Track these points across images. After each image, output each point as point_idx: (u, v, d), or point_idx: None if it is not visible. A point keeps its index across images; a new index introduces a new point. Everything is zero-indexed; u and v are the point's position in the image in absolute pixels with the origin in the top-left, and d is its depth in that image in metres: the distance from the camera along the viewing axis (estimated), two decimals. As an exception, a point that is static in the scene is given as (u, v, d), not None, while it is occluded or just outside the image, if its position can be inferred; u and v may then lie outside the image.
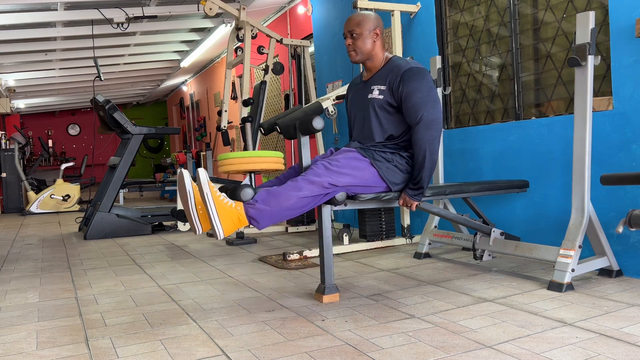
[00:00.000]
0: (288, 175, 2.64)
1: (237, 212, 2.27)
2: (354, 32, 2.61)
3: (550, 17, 3.31)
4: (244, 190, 2.33)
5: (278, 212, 2.31)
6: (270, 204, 2.30)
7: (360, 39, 2.61)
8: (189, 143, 12.42)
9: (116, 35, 7.08)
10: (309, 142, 2.56)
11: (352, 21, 2.63)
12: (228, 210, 2.25)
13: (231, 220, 2.25)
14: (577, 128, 2.64)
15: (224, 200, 2.25)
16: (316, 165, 2.41)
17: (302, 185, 2.33)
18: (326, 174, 2.37)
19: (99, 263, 3.92)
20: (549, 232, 3.20)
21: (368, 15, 2.63)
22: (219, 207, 2.23)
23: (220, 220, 2.22)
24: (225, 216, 2.24)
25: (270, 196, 2.31)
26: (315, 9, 5.77)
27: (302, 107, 4.12)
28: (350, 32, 2.62)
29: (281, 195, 2.31)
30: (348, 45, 2.65)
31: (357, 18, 2.63)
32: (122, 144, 5.89)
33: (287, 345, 1.97)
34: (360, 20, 2.61)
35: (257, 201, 2.31)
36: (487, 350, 1.84)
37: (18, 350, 2.05)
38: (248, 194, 2.33)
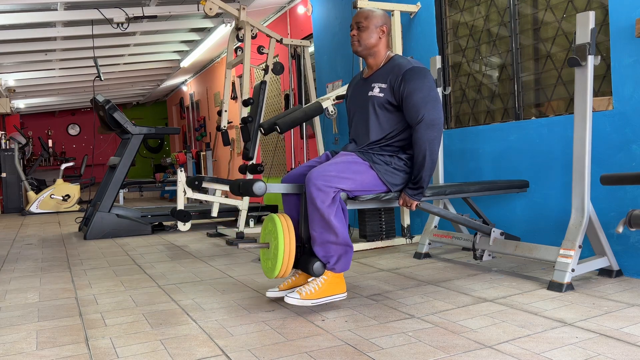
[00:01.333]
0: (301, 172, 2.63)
1: (332, 278, 2.43)
2: (361, 24, 2.63)
3: (550, 17, 3.31)
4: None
5: (340, 242, 2.41)
6: (331, 249, 2.41)
7: (365, 32, 2.62)
8: (189, 143, 12.42)
9: (116, 35, 7.08)
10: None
11: (361, 13, 2.66)
12: (329, 287, 2.42)
13: (337, 284, 2.45)
14: (577, 128, 2.64)
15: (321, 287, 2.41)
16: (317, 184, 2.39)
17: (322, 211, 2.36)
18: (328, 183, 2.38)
19: (99, 263, 3.92)
20: (549, 232, 3.20)
21: (377, 11, 2.67)
22: (326, 293, 2.42)
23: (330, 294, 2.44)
24: (331, 289, 2.43)
25: (325, 245, 2.41)
26: (315, 9, 5.77)
27: (302, 107, 4.12)
28: (357, 23, 2.64)
29: (327, 233, 2.38)
30: (353, 35, 2.66)
31: (366, 12, 2.66)
32: (122, 144, 5.89)
33: (287, 345, 1.97)
34: (369, 14, 2.64)
35: (329, 260, 2.43)
36: (487, 350, 1.84)
37: (18, 350, 2.05)
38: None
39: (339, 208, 2.39)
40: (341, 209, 2.40)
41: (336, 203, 2.38)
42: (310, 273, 2.40)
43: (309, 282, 2.42)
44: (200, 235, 5.28)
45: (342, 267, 2.43)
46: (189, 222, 4.72)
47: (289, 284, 2.56)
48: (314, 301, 2.36)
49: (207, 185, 4.68)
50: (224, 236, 5.07)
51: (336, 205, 2.38)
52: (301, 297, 2.34)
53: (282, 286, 2.56)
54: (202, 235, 5.31)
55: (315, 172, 2.38)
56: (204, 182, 4.66)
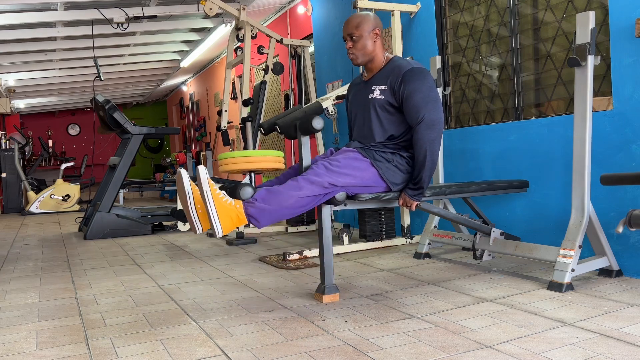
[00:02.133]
0: (288, 175, 2.64)
1: (237, 210, 2.26)
2: (354, 35, 2.60)
3: (550, 17, 3.31)
4: (244, 188, 2.33)
5: (278, 210, 2.31)
6: (270, 203, 2.30)
7: (360, 41, 2.60)
8: (189, 143, 12.42)
9: (116, 35, 7.08)
10: (309, 142, 2.56)
11: (350, 24, 2.61)
12: (227, 208, 2.24)
13: (230, 219, 2.24)
14: (577, 128, 2.64)
15: (223, 198, 2.25)
16: (317, 165, 2.41)
17: (302, 184, 2.33)
18: (326, 174, 2.37)
19: (99, 263, 3.92)
20: (549, 232, 3.20)
21: (366, 16, 2.61)
22: (218, 205, 2.22)
23: (220, 218, 2.22)
24: (224, 214, 2.23)
25: (270, 195, 2.31)
26: (315, 9, 5.77)
27: (302, 107, 4.12)
28: (350, 35, 2.61)
29: (281, 195, 2.31)
30: (349, 48, 2.63)
31: (355, 20, 2.60)
32: (122, 144, 5.89)
33: (287, 345, 1.97)
34: (359, 22, 2.59)
35: (257, 200, 2.30)
36: (487, 350, 1.84)
37: (18, 350, 2.05)
38: (248, 193, 2.33)
39: (312, 201, 2.35)
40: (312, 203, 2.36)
41: (317, 198, 2.35)
42: (237, 193, 2.30)
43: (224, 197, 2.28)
44: (200, 235, 5.28)
45: (255, 212, 2.28)
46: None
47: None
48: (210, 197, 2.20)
49: (207, 185, 4.67)
50: (224, 236, 5.07)
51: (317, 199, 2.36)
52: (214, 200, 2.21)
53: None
54: (202, 235, 5.31)
55: (322, 161, 2.44)
56: (204, 182, 4.65)
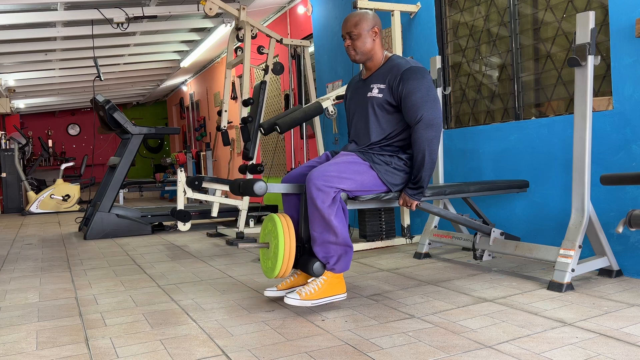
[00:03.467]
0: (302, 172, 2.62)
1: (331, 278, 2.43)
2: (352, 33, 2.60)
3: (550, 17, 3.31)
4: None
5: (341, 246, 2.41)
6: (331, 249, 2.40)
7: (359, 40, 2.60)
8: (189, 143, 12.42)
9: (116, 35, 7.08)
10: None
11: (349, 22, 2.61)
12: (328, 288, 2.41)
13: (336, 285, 2.44)
14: (577, 128, 2.64)
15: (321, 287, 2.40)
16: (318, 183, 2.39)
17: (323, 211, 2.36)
18: (328, 185, 2.37)
19: (99, 263, 3.92)
20: (549, 232, 3.20)
21: (365, 15, 2.62)
22: (326, 294, 2.41)
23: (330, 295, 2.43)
24: (331, 290, 2.42)
25: (325, 245, 2.40)
26: (315, 9, 5.77)
27: (302, 107, 4.12)
28: (349, 34, 2.61)
29: (328, 235, 2.38)
30: (347, 46, 2.63)
31: (354, 19, 2.61)
32: (122, 144, 5.89)
33: (287, 345, 1.97)
34: (358, 21, 2.59)
35: (330, 262, 2.42)
36: (487, 350, 1.84)
37: (18, 350, 2.05)
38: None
39: (339, 208, 2.38)
40: (341, 209, 2.40)
41: (336, 203, 2.37)
42: (310, 273, 2.40)
43: (309, 283, 2.42)
44: (200, 235, 5.28)
45: (342, 267, 2.43)
46: (189, 222, 4.71)
47: (287, 283, 2.56)
48: (314, 302, 2.36)
49: (207, 185, 4.68)
50: (224, 236, 5.07)
51: (336, 205, 2.37)
52: (301, 297, 2.34)
53: (280, 286, 2.56)
54: (202, 235, 5.31)
55: (316, 172, 2.37)
56: (204, 182, 4.67)
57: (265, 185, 2.38)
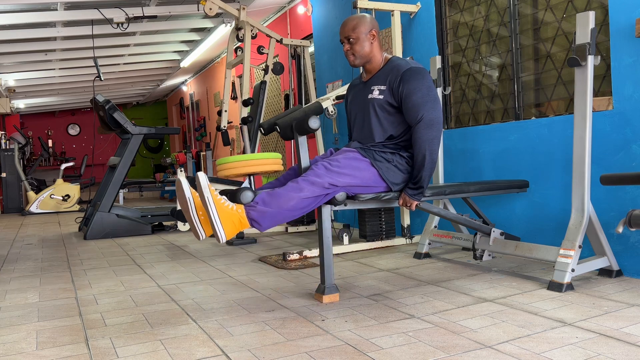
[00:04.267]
0: (288, 176, 2.64)
1: (239, 214, 2.27)
2: (351, 37, 2.60)
3: (550, 17, 3.31)
4: (244, 192, 2.33)
5: (279, 213, 2.31)
6: (272, 206, 2.30)
7: (357, 43, 2.60)
8: (189, 143, 12.42)
9: (116, 35, 7.08)
10: (306, 142, 2.57)
11: (347, 26, 2.61)
12: (229, 212, 2.25)
13: (232, 223, 2.25)
14: (577, 128, 2.64)
15: (224, 203, 2.25)
16: (316, 166, 2.41)
17: (303, 186, 2.33)
18: (327, 175, 2.38)
19: (99, 263, 3.92)
20: (549, 232, 3.21)
21: (362, 18, 2.62)
22: (220, 210, 2.23)
23: (222, 223, 2.22)
24: (227, 219, 2.23)
25: (271, 198, 2.31)
26: (315, 9, 5.77)
27: (302, 107, 4.12)
28: (347, 38, 2.62)
29: (282, 197, 2.31)
30: (346, 50, 2.64)
31: (351, 23, 2.61)
32: (122, 144, 5.89)
33: (287, 345, 1.97)
34: (356, 24, 2.60)
35: (258, 203, 2.30)
36: (487, 350, 1.84)
37: (18, 350, 2.05)
38: (248, 197, 2.33)
39: (312, 202, 2.35)
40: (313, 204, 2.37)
41: (317, 200, 2.36)
42: (237, 197, 2.30)
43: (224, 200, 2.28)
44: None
45: (257, 216, 2.28)
46: (189, 222, 4.70)
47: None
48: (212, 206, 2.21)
49: (207, 185, 4.67)
50: (224, 236, 5.06)
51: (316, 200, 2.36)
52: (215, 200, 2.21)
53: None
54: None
55: (322, 161, 2.43)
56: (204, 182, 4.65)
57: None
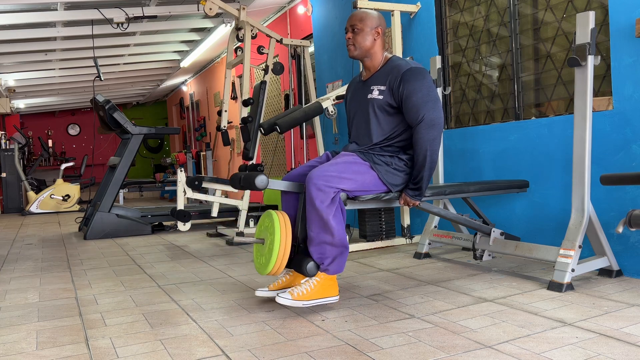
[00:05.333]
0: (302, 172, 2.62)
1: (325, 280, 2.41)
2: (356, 27, 2.62)
3: (550, 17, 3.31)
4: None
5: (336, 247, 2.39)
6: (327, 250, 2.39)
7: (360, 35, 2.61)
8: (189, 143, 12.42)
9: (116, 35, 7.08)
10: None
11: (355, 16, 2.65)
12: (321, 289, 2.39)
13: (330, 287, 2.42)
14: (577, 128, 2.64)
15: (313, 289, 2.38)
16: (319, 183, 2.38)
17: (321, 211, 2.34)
18: (328, 185, 2.37)
19: (99, 263, 3.92)
20: (549, 232, 3.20)
21: (371, 13, 2.65)
22: (318, 295, 2.38)
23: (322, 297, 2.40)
24: (324, 291, 2.40)
25: (320, 245, 2.38)
26: (315, 9, 5.77)
27: (302, 107, 4.12)
28: (352, 27, 2.63)
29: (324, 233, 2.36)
30: (348, 39, 2.65)
31: (360, 14, 2.64)
32: (122, 144, 5.89)
33: (287, 345, 1.97)
34: (363, 17, 2.62)
35: (324, 262, 2.40)
36: (487, 350, 1.84)
37: (18, 350, 2.05)
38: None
39: (337, 209, 2.38)
40: (340, 210, 2.39)
41: (335, 204, 2.37)
42: (304, 273, 2.39)
43: (302, 283, 2.40)
44: (200, 235, 5.28)
45: (336, 268, 2.41)
46: (189, 222, 4.71)
47: (280, 284, 2.55)
48: (306, 302, 2.34)
49: (207, 185, 4.68)
50: (224, 236, 5.07)
51: (335, 206, 2.37)
52: (293, 297, 2.32)
53: (272, 286, 2.55)
54: (202, 235, 5.31)
55: (316, 172, 2.37)
56: (204, 182, 4.66)
57: (267, 178, 2.39)
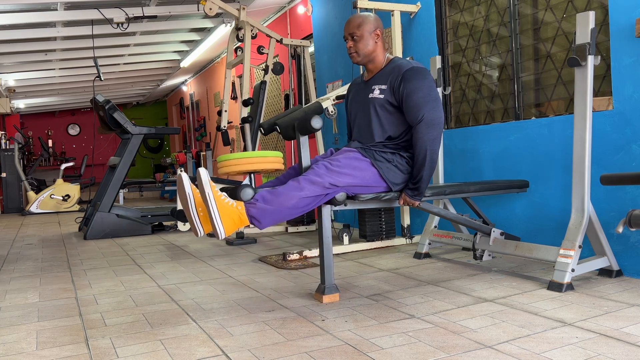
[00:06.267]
0: (288, 176, 2.64)
1: (239, 211, 2.26)
2: (355, 35, 2.60)
3: (550, 17, 3.31)
4: (244, 190, 2.33)
5: (280, 211, 2.31)
6: (272, 204, 2.30)
7: (361, 41, 2.60)
8: (189, 143, 12.42)
9: (116, 35, 7.08)
10: (308, 142, 2.56)
11: (352, 23, 2.61)
12: (229, 209, 2.24)
13: (232, 220, 2.25)
14: (577, 128, 2.64)
15: (225, 199, 2.25)
16: (317, 166, 2.41)
17: (303, 185, 2.33)
18: (327, 174, 2.38)
19: (99, 263, 3.92)
20: (549, 232, 3.20)
21: (368, 17, 2.62)
22: (220, 207, 2.22)
23: (222, 219, 2.22)
24: (226, 216, 2.23)
25: (271, 196, 2.31)
26: (315, 9, 5.77)
27: (302, 107, 4.12)
28: (351, 35, 2.61)
29: (283, 195, 2.31)
30: (349, 47, 2.64)
31: (356, 20, 2.61)
32: (122, 144, 5.89)
33: (287, 345, 1.97)
34: (361, 22, 2.60)
35: (258, 200, 2.30)
36: (487, 350, 1.84)
37: (18, 350, 2.05)
38: (248, 194, 2.33)
39: (313, 201, 2.35)
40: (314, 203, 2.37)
41: (317, 199, 2.36)
42: (238, 194, 2.29)
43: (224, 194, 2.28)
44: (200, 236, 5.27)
45: (257, 213, 2.28)
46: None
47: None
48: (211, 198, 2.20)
49: (207, 185, 4.67)
50: (224, 236, 5.06)
51: (315, 200, 2.36)
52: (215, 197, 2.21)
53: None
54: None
55: (322, 161, 2.43)
56: (204, 182, 4.65)
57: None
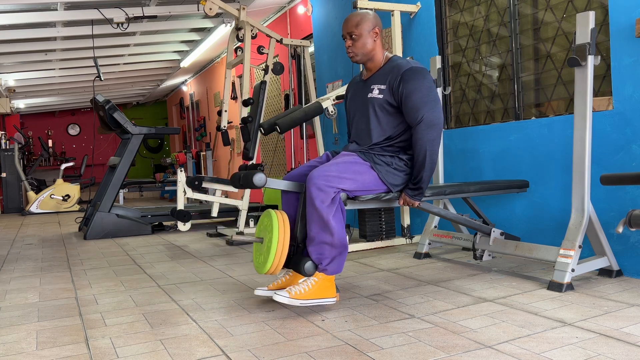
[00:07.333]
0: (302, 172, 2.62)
1: (323, 280, 2.39)
2: (353, 34, 2.59)
3: (550, 17, 3.31)
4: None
5: (336, 244, 2.38)
6: (325, 250, 2.38)
7: (360, 40, 2.59)
8: (189, 143, 12.42)
9: (116, 35, 7.07)
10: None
11: (350, 22, 2.61)
12: (318, 290, 2.37)
13: (327, 288, 2.41)
14: (577, 128, 2.64)
15: (311, 288, 2.37)
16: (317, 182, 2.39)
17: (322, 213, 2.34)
18: (329, 185, 2.37)
19: (99, 263, 3.92)
20: (549, 232, 3.20)
21: (366, 15, 2.61)
22: (315, 295, 2.37)
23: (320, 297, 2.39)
24: (321, 292, 2.38)
25: (320, 245, 2.38)
26: (315, 9, 5.77)
27: (302, 107, 4.12)
28: (350, 34, 2.60)
29: (324, 236, 2.36)
30: (348, 46, 2.63)
31: (355, 19, 2.60)
32: (122, 144, 5.89)
33: (287, 345, 1.97)
34: (359, 21, 2.59)
35: (322, 262, 2.39)
36: (487, 350, 1.84)
37: (18, 350, 2.05)
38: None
39: (337, 209, 2.38)
40: (340, 210, 2.39)
41: (335, 204, 2.37)
42: (302, 272, 2.37)
43: (300, 282, 2.40)
44: (200, 235, 5.28)
45: (334, 269, 2.40)
46: (189, 222, 4.71)
47: (279, 283, 2.53)
48: (303, 302, 2.33)
49: (207, 185, 4.68)
50: (224, 236, 5.07)
51: (335, 206, 2.37)
52: (290, 295, 2.31)
53: (271, 285, 2.53)
54: (202, 235, 5.31)
55: (317, 172, 2.37)
56: (204, 182, 4.66)
57: (265, 177, 2.39)
